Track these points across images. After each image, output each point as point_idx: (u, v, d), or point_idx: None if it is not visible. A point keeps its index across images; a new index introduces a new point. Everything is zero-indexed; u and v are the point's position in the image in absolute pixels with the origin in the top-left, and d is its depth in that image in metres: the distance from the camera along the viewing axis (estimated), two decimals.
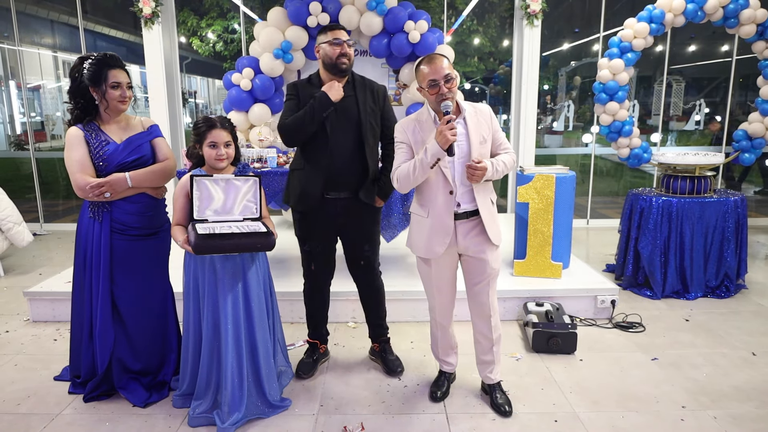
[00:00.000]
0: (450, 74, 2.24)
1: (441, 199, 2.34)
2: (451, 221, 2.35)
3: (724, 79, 6.67)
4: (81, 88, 2.45)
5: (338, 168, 2.61)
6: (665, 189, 4.12)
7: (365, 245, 2.77)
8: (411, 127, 2.37)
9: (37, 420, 2.48)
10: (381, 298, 2.93)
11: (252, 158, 3.67)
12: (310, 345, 2.97)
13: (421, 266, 2.54)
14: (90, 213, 2.52)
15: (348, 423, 2.44)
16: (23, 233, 4.61)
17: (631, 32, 4.14)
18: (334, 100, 2.52)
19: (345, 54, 2.56)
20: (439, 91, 2.23)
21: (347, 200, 2.66)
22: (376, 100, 2.69)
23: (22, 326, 3.56)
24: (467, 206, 2.36)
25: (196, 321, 2.43)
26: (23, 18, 6.55)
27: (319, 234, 2.73)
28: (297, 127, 2.54)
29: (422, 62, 2.29)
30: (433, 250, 2.40)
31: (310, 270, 2.82)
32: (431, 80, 2.23)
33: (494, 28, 7.36)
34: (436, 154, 2.19)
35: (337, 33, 2.57)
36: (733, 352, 3.14)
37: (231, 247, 2.26)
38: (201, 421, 2.41)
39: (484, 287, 2.46)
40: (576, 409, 2.55)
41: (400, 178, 2.34)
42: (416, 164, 2.25)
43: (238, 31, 6.58)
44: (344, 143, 2.61)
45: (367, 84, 2.71)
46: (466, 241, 2.39)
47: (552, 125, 7.74)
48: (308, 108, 2.53)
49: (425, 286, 2.59)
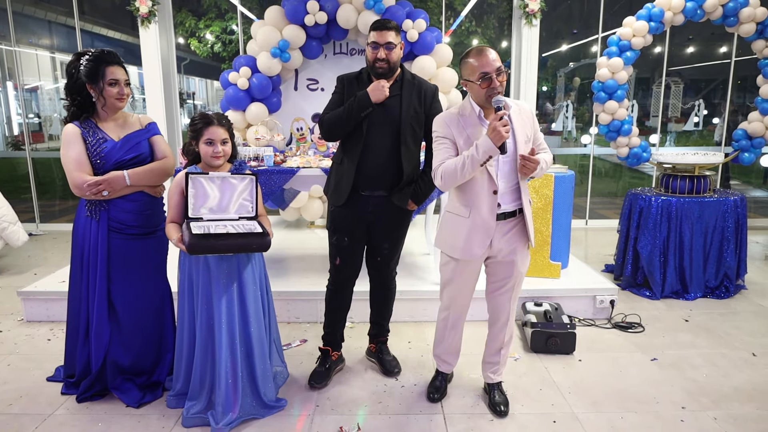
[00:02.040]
0: (501, 67, 2.13)
1: (485, 199, 2.25)
2: (494, 222, 2.26)
3: (722, 80, 6.67)
4: (78, 85, 2.42)
5: (372, 167, 2.56)
6: (664, 188, 4.11)
7: (385, 243, 2.71)
8: (455, 122, 2.25)
9: (29, 420, 2.45)
10: (390, 299, 2.89)
11: (249, 157, 3.64)
12: (322, 352, 2.86)
13: (449, 266, 2.42)
14: (87, 212, 2.49)
15: (344, 423, 2.41)
16: (18, 233, 4.58)
17: (630, 31, 4.12)
18: (375, 101, 2.47)
19: (382, 59, 2.49)
20: (490, 84, 2.13)
21: (380, 198, 2.61)
22: (422, 101, 2.60)
23: (15, 326, 3.52)
24: (507, 206, 2.28)
25: (191, 320, 2.40)
26: (20, 19, 6.53)
27: (348, 229, 2.67)
28: (334, 123, 2.54)
29: (470, 55, 2.17)
30: (472, 251, 2.30)
31: (334, 264, 2.76)
32: (483, 72, 2.12)
33: (492, 29, 7.35)
34: (488, 151, 2.08)
35: (377, 35, 2.48)
36: (733, 352, 3.11)
37: (225, 248, 2.23)
38: (195, 422, 2.38)
39: (508, 291, 2.41)
40: (575, 410, 2.53)
41: (445, 175, 2.20)
42: (465, 161, 2.13)
43: (236, 32, 6.56)
44: (381, 143, 2.55)
45: (416, 84, 2.61)
46: (502, 242, 2.31)
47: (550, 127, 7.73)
48: (347, 106, 2.50)
49: (446, 286, 2.48)
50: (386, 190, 2.61)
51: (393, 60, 2.51)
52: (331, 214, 2.72)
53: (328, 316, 2.84)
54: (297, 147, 4.29)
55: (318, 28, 4.77)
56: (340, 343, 2.91)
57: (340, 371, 2.90)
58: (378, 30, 2.48)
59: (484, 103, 2.20)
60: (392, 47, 2.49)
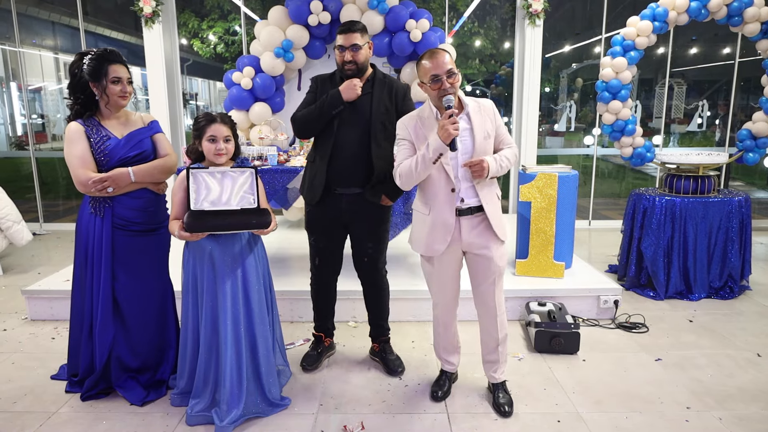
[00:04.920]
0: (452, 69, 2.20)
1: (442, 197, 2.31)
2: (452, 218, 2.32)
3: (725, 81, 6.65)
4: (81, 84, 2.43)
5: (343, 164, 2.60)
6: (668, 189, 4.10)
7: (369, 243, 2.74)
8: (413, 124, 2.34)
9: (33, 418, 2.45)
10: (384, 298, 2.90)
11: (252, 156, 3.65)
12: (315, 337, 2.99)
13: (424, 264, 2.51)
14: (91, 209, 2.49)
15: (348, 422, 2.41)
16: (22, 232, 4.59)
17: (634, 30, 4.11)
18: (346, 99, 2.52)
19: (350, 60, 2.54)
20: (441, 87, 2.19)
21: (354, 196, 2.65)
22: (392, 99, 2.65)
23: (20, 325, 3.53)
24: (471, 201, 2.32)
25: (195, 318, 2.41)
26: (24, 19, 6.54)
27: (325, 228, 2.73)
28: (306, 120, 2.60)
29: (424, 57, 2.25)
30: (433, 247, 2.37)
31: (314, 264, 2.83)
32: (433, 75, 2.19)
33: (495, 30, 7.34)
34: (438, 149, 2.16)
35: (343, 38, 2.54)
36: (737, 353, 3.10)
37: (225, 225, 2.24)
38: (199, 420, 2.38)
39: (490, 286, 2.43)
40: (579, 409, 2.52)
41: (402, 174, 2.30)
42: (418, 160, 2.22)
43: (239, 33, 6.57)
44: (351, 140, 2.60)
45: (387, 83, 2.67)
46: (471, 237, 2.36)
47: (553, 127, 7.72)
48: (319, 103, 2.56)
49: (428, 284, 2.56)
50: (359, 186, 2.65)
51: (360, 61, 2.57)
52: (307, 215, 2.78)
53: (316, 311, 2.96)
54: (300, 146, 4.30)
55: (321, 27, 4.78)
56: (332, 330, 3.03)
57: (330, 356, 3.03)
58: (344, 33, 2.54)
59: (438, 103, 2.25)
60: (358, 48, 2.55)
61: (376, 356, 2.97)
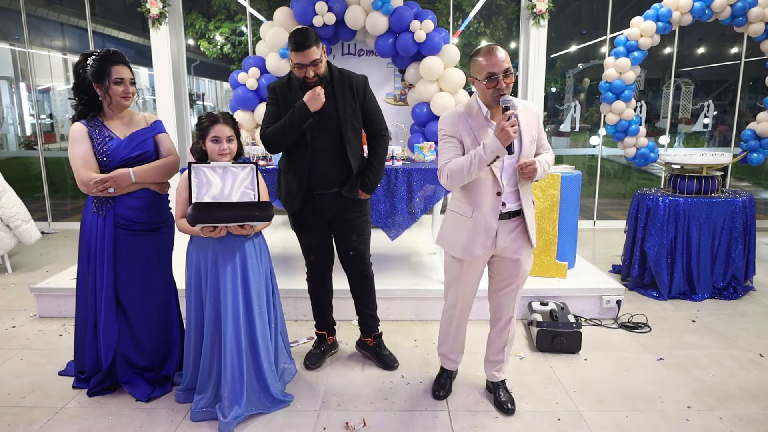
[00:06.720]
0: (509, 68, 2.12)
1: (488, 200, 2.24)
2: (496, 223, 2.26)
3: (732, 81, 6.62)
4: (85, 84, 2.48)
5: (322, 171, 2.64)
6: (672, 189, 4.09)
7: (352, 236, 2.78)
8: (462, 121, 2.23)
9: (41, 413, 2.50)
10: (371, 289, 2.93)
11: (257, 156, 3.68)
12: (318, 336, 3.02)
13: (452, 264, 2.43)
14: (93, 209, 2.53)
15: (350, 419, 2.44)
16: (31, 231, 4.64)
17: (637, 31, 4.12)
18: (314, 110, 2.51)
19: (312, 76, 2.50)
20: (497, 86, 2.11)
21: (333, 195, 2.70)
22: (355, 96, 2.65)
23: (28, 322, 3.58)
24: (512, 206, 2.28)
25: (198, 315, 2.44)
26: (33, 21, 6.62)
27: (312, 227, 2.78)
28: (277, 136, 2.58)
29: (479, 53, 2.15)
30: (473, 252, 2.30)
31: (309, 260, 2.90)
32: (489, 73, 2.10)
33: (501, 30, 7.34)
34: (495, 151, 2.06)
35: (301, 56, 2.45)
36: (739, 353, 3.10)
37: (229, 217, 2.27)
38: (203, 416, 2.42)
39: (513, 290, 2.42)
40: (579, 408, 2.53)
41: (451, 174, 2.20)
42: (473, 161, 2.12)
43: (246, 34, 6.61)
44: (326, 149, 2.63)
45: (346, 79, 2.64)
46: (506, 241, 2.32)
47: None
48: (287, 119, 2.53)
49: (450, 285, 2.49)
50: (338, 186, 2.69)
51: (321, 73, 2.55)
52: (291, 217, 2.83)
53: (315, 307, 3.00)
54: None
55: (326, 29, 4.81)
56: (333, 327, 3.07)
57: (333, 354, 3.06)
58: (300, 51, 2.44)
59: (491, 102, 2.19)
60: (318, 63, 2.50)
61: (369, 351, 3.00)
